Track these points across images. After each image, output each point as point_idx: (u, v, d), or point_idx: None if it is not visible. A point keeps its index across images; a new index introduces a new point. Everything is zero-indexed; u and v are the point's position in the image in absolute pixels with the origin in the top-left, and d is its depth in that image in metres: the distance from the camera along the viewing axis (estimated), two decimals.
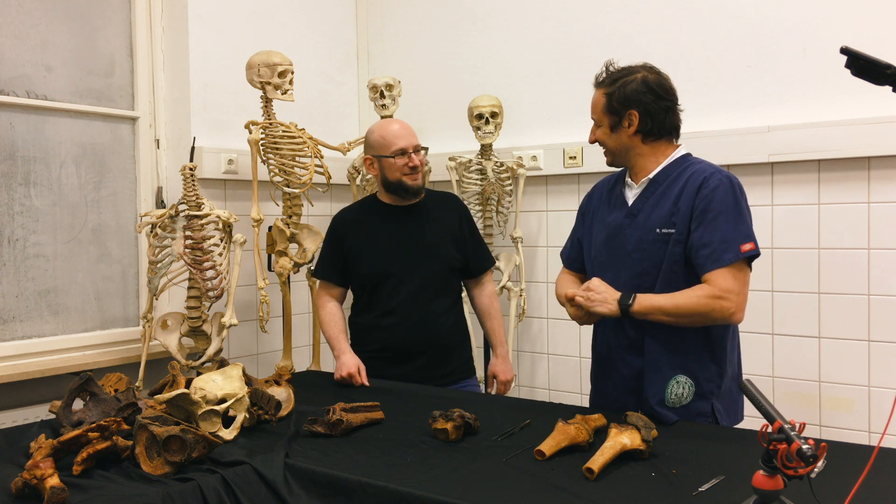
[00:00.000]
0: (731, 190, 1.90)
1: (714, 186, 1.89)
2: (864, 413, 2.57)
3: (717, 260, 1.85)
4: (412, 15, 3.65)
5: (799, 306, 2.67)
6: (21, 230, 2.68)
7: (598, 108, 2.04)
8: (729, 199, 1.88)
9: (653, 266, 1.94)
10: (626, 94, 1.98)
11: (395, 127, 2.52)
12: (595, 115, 2.05)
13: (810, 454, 1.13)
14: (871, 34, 2.50)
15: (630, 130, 1.99)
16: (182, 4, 3.01)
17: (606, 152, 2.06)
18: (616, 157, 2.04)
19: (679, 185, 1.94)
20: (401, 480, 1.48)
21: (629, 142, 2.00)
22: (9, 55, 2.65)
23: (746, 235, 1.87)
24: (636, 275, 1.96)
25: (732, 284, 1.84)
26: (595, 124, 2.06)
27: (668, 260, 1.91)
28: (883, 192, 2.53)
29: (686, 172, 1.96)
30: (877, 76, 1.33)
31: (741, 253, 1.85)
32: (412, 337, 2.48)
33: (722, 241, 1.85)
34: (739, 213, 1.89)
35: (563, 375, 3.24)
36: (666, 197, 1.95)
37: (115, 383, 2.06)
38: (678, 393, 1.92)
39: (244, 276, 3.03)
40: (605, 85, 2.04)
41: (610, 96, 2.00)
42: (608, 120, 2.01)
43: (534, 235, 3.31)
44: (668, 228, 1.92)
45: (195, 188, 2.64)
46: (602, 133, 2.03)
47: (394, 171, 2.48)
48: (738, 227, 1.87)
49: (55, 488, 1.39)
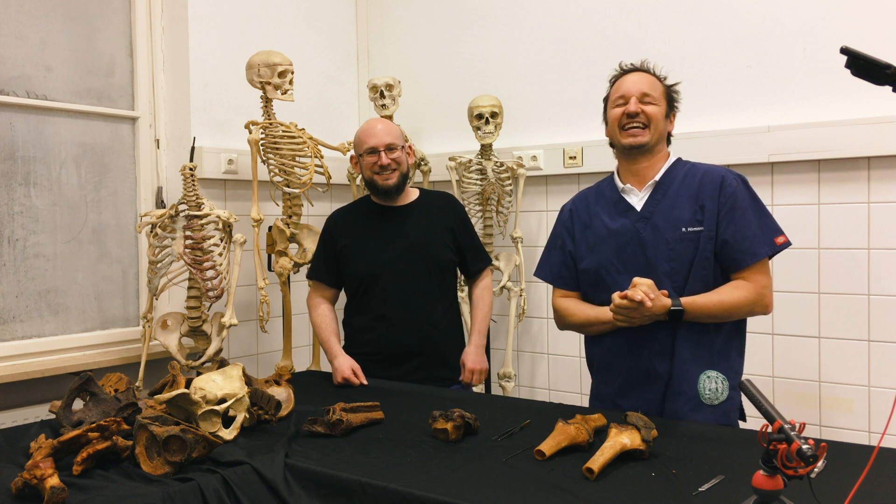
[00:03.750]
0: (746, 188, 1.98)
1: (735, 185, 1.96)
2: (864, 413, 2.57)
3: (755, 254, 1.92)
4: (412, 15, 3.65)
5: (799, 306, 2.67)
6: (21, 230, 2.68)
7: (657, 88, 2.03)
8: (748, 196, 1.97)
9: (682, 265, 1.95)
10: (675, 95, 2.06)
11: (370, 125, 2.54)
12: (654, 93, 2.01)
13: (810, 454, 1.13)
14: (871, 34, 2.50)
15: (670, 126, 2.06)
16: (182, 4, 3.01)
17: (647, 132, 1.98)
18: (653, 138, 2.00)
19: (694, 185, 1.98)
20: (401, 480, 1.48)
21: (665, 133, 2.05)
22: (9, 55, 2.65)
23: (775, 229, 1.95)
24: (665, 274, 1.95)
25: (766, 278, 1.94)
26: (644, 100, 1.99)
27: (700, 257, 1.94)
28: (883, 192, 2.53)
29: (693, 173, 2.01)
30: (877, 76, 1.33)
31: (776, 245, 1.94)
32: (405, 338, 2.47)
33: (755, 235, 1.92)
34: (762, 209, 1.97)
35: (563, 375, 3.24)
36: (682, 197, 1.98)
37: (115, 383, 2.06)
38: (711, 388, 1.93)
39: (244, 276, 3.03)
40: (656, 75, 2.06)
41: (668, 88, 2.05)
42: (665, 105, 2.03)
43: (534, 235, 3.31)
44: (696, 227, 1.95)
45: (195, 188, 2.64)
46: (658, 111, 2.00)
47: (366, 170, 2.50)
48: (766, 222, 1.95)
49: (55, 488, 1.39)
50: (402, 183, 2.52)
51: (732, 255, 1.92)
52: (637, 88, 2.00)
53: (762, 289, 1.93)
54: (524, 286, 3.18)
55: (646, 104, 1.99)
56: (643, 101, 1.99)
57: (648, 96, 2.00)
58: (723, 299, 1.90)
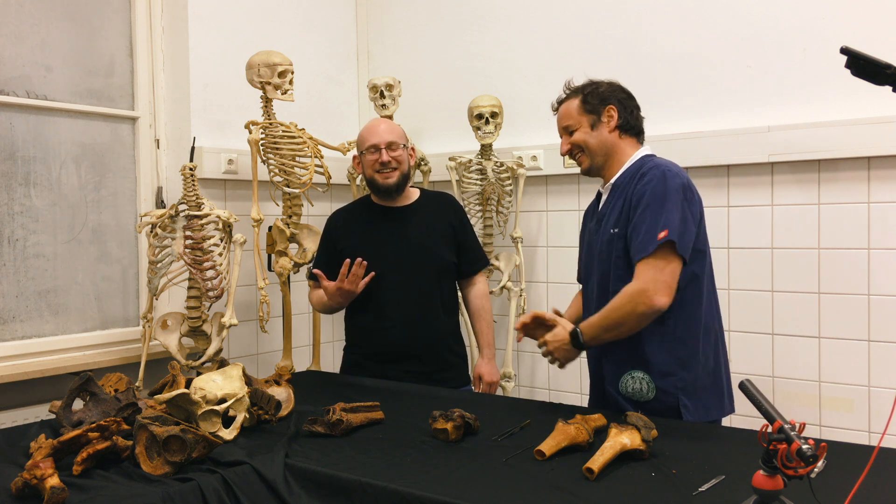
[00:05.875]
0: (662, 181, 1.89)
1: (647, 181, 1.91)
2: (864, 413, 2.57)
3: (642, 250, 1.87)
4: (412, 15, 3.65)
5: (799, 306, 2.67)
6: (21, 230, 2.68)
7: (572, 114, 2.07)
8: (658, 190, 1.89)
9: (607, 266, 1.99)
10: (601, 92, 2.05)
11: (374, 124, 2.56)
12: (569, 122, 2.07)
13: (810, 454, 1.13)
14: (871, 34, 2.50)
15: (611, 125, 2.03)
16: (182, 4, 3.01)
17: (584, 157, 2.06)
18: (596, 157, 2.05)
19: (632, 186, 1.97)
20: (401, 480, 1.48)
21: (610, 138, 2.04)
22: (9, 55, 2.65)
23: (665, 223, 1.85)
24: (600, 276, 2.02)
25: (651, 273, 1.85)
26: (567, 133, 2.08)
27: (614, 257, 1.96)
28: (883, 192, 2.53)
29: (640, 172, 1.97)
30: (877, 76, 1.33)
31: (657, 241, 1.85)
32: (405, 339, 2.47)
33: (647, 231, 1.87)
34: (663, 204, 1.88)
35: (563, 375, 3.23)
36: (621, 198, 1.99)
37: (115, 383, 2.06)
38: (634, 388, 1.95)
39: (244, 276, 3.03)
40: (573, 94, 2.09)
41: (585, 97, 2.05)
42: (587, 120, 2.04)
43: (534, 235, 3.31)
44: (617, 228, 1.97)
45: (195, 188, 2.64)
46: (582, 134, 2.05)
47: (367, 168, 2.51)
48: (658, 217, 1.87)
49: (55, 488, 1.39)
50: (403, 183, 2.53)
51: (630, 253, 1.92)
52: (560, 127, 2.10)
53: (644, 284, 1.85)
54: (524, 286, 3.18)
55: (570, 135, 2.07)
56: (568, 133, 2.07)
57: (568, 127, 2.07)
58: (608, 313, 1.91)
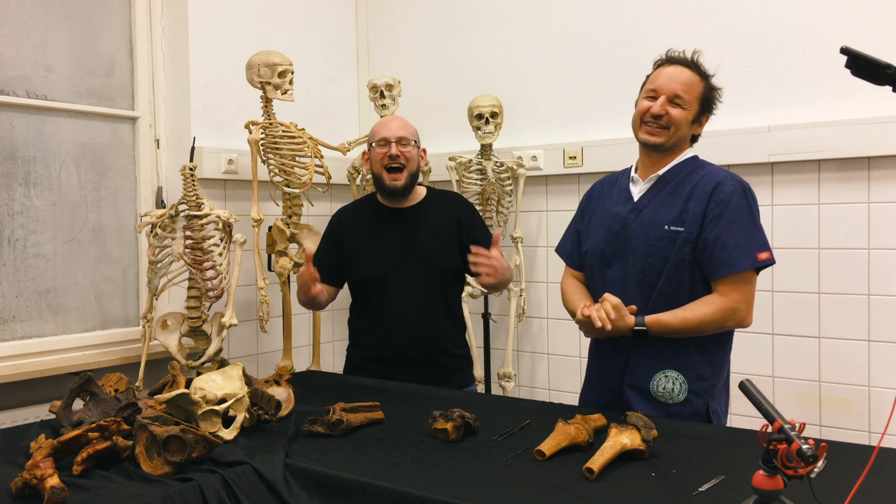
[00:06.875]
0: (744, 196, 1.91)
1: (730, 192, 1.89)
2: (864, 413, 2.57)
3: (734, 265, 1.86)
4: (412, 15, 3.65)
5: (799, 306, 2.67)
6: (21, 230, 2.68)
7: (693, 92, 1.95)
8: (743, 205, 1.90)
9: (658, 262, 1.93)
10: (716, 97, 1.99)
11: (387, 119, 2.54)
12: (686, 95, 1.94)
13: (810, 454, 1.13)
14: (871, 34, 2.50)
15: (698, 130, 2.00)
16: (182, 4, 3.01)
17: (665, 134, 1.94)
18: (670, 142, 1.95)
19: (689, 186, 1.95)
20: (401, 480, 1.48)
21: (688, 136, 1.99)
22: (9, 55, 2.65)
23: (763, 244, 1.88)
24: (641, 269, 1.96)
25: (744, 293, 1.87)
26: (674, 101, 1.94)
27: (674, 258, 1.91)
28: (883, 192, 2.53)
29: (696, 174, 1.96)
30: (877, 76, 1.33)
31: (757, 261, 1.86)
32: (408, 342, 2.45)
33: (737, 246, 1.86)
34: (754, 221, 1.90)
35: (563, 375, 3.24)
36: (675, 195, 1.95)
37: (115, 383, 2.06)
38: (667, 387, 1.93)
39: (244, 276, 3.03)
40: (702, 76, 1.97)
41: (708, 90, 1.97)
42: (696, 108, 1.96)
43: (534, 235, 3.31)
44: (677, 226, 1.92)
45: (195, 188, 2.64)
46: (684, 115, 1.94)
47: (375, 163, 2.48)
48: (754, 235, 1.88)
49: (55, 488, 1.39)
50: (410, 185, 2.49)
51: (711, 262, 1.88)
52: (669, 88, 1.93)
53: (735, 303, 1.86)
54: (524, 286, 3.18)
55: (674, 106, 1.93)
56: (672, 101, 1.93)
57: (679, 98, 1.93)
58: (687, 316, 1.87)
